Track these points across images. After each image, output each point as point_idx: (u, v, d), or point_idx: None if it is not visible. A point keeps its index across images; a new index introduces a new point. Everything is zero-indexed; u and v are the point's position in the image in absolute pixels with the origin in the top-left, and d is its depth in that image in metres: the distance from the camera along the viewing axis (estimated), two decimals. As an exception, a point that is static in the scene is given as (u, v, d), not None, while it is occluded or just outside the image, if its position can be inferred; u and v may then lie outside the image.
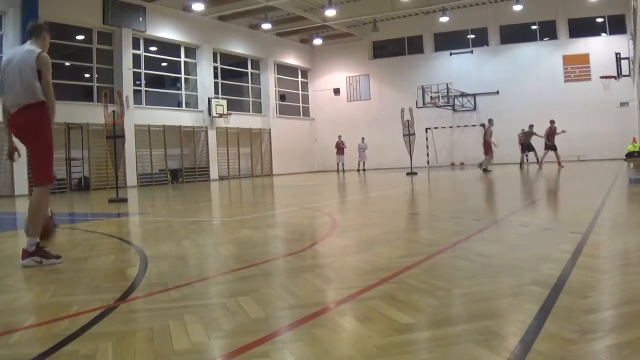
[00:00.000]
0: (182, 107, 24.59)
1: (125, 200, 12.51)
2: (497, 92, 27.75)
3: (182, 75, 24.54)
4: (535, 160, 21.11)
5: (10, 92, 4.53)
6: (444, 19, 27.01)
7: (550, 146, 20.43)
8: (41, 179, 4.62)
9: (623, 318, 2.47)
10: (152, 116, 22.13)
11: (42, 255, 4.48)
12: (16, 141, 4.70)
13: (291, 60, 31.05)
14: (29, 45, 4.63)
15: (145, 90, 22.64)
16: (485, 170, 19.01)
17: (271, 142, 28.75)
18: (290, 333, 2.49)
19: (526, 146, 21.56)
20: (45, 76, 4.48)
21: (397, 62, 30.48)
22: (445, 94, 27.17)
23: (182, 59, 24.42)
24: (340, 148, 27.73)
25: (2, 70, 4.63)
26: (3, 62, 4.69)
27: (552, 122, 20.60)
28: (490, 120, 20.34)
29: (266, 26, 26.23)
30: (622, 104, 24.49)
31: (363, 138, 27.92)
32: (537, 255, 4.00)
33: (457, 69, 28.48)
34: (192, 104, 25.01)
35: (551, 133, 20.50)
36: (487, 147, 19.97)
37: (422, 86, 27.51)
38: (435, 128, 29.01)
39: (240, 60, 28.11)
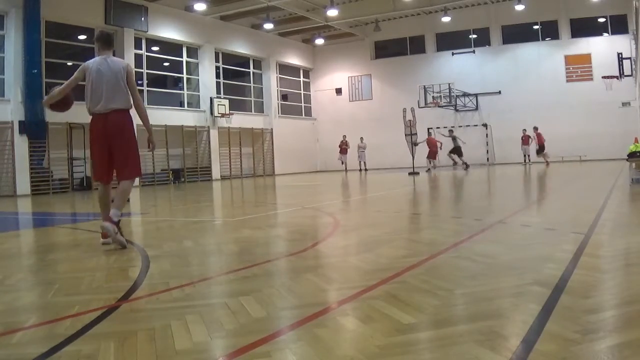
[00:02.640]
0: (184, 107, 24.59)
1: (127, 200, 12.50)
2: (499, 92, 27.72)
3: (184, 75, 24.54)
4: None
5: (112, 95, 5.09)
6: (446, 19, 27.00)
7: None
8: (131, 174, 5.39)
9: (625, 318, 2.46)
10: (154, 116, 21.84)
11: (120, 230, 5.12)
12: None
13: (293, 60, 31.06)
14: (111, 56, 5.32)
15: (147, 90, 22.64)
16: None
17: (273, 142, 28.75)
18: (292, 333, 2.49)
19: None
20: (132, 81, 5.21)
21: (399, 62, 30.46)
22: (447, 94, 27.15)
23: (184, 58, 24.43)
24: (343, 148, 27.77)
25: (97, 77, 5.14)
26: (90, 70, 5.19)
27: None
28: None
29: (268, 26, 26.23)
30: (624, 104, 24.46)
31: (362, 138, 27.85)
32: (539, 255, 4.00)
33: (459, 69, 28.46)
34: (194, 103, 25.01)
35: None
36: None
37: (424, 86, 27.48)
38: (437, 128, 28.95)
39: (242, 60, 28.12)
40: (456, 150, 24.24)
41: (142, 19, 21.58)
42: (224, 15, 25.15)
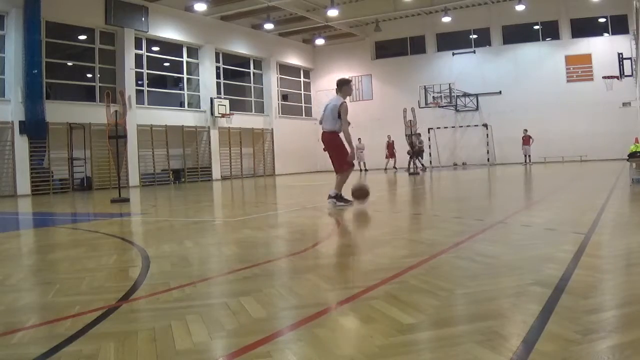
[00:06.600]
0: (184, 107, 24.61)
1: (127, 200, 12.52)
2: (500, 92, 27.73)
3: (185, 75, 24.55)
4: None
5: (326, 122, 8.41)
6: (447, 19, 27.01)
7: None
8: (341, 170, 8.52)
9: (625, 318, 2.46)
10: (154, 116, 22.15)
11: (339, 199, 8.40)
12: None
13: (293, 60, 31.06)
14: (337, 96, 8.43)
15: (147, 90, 22.66)
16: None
17: (273, 142, 28.76)
18: (292, 333, 2.48)
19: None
20: (343, 117, 8.24)
21: (400, 62, 30.47)
22: (448, 94, 27.15)
23: (185, 59, 24.44)
24: None
25: (325, 108, 8.48)
26: (326, 104, 8.59)
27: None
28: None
29: (268, 26, 26.24)
30: (625, 104, 24.44)
31: (360, 139, 27.83)
32: (540, 255, 3.99)
33: (460, 69, 28.47)
34: (194, 104, 25.03)
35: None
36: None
37: (425, 86, 27.49)
38: (438, 128, 28.99)
39: (243, 60, 28.13)
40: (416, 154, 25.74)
41: (143, 19, 21.59)
42: (224, 16, 25.17)
